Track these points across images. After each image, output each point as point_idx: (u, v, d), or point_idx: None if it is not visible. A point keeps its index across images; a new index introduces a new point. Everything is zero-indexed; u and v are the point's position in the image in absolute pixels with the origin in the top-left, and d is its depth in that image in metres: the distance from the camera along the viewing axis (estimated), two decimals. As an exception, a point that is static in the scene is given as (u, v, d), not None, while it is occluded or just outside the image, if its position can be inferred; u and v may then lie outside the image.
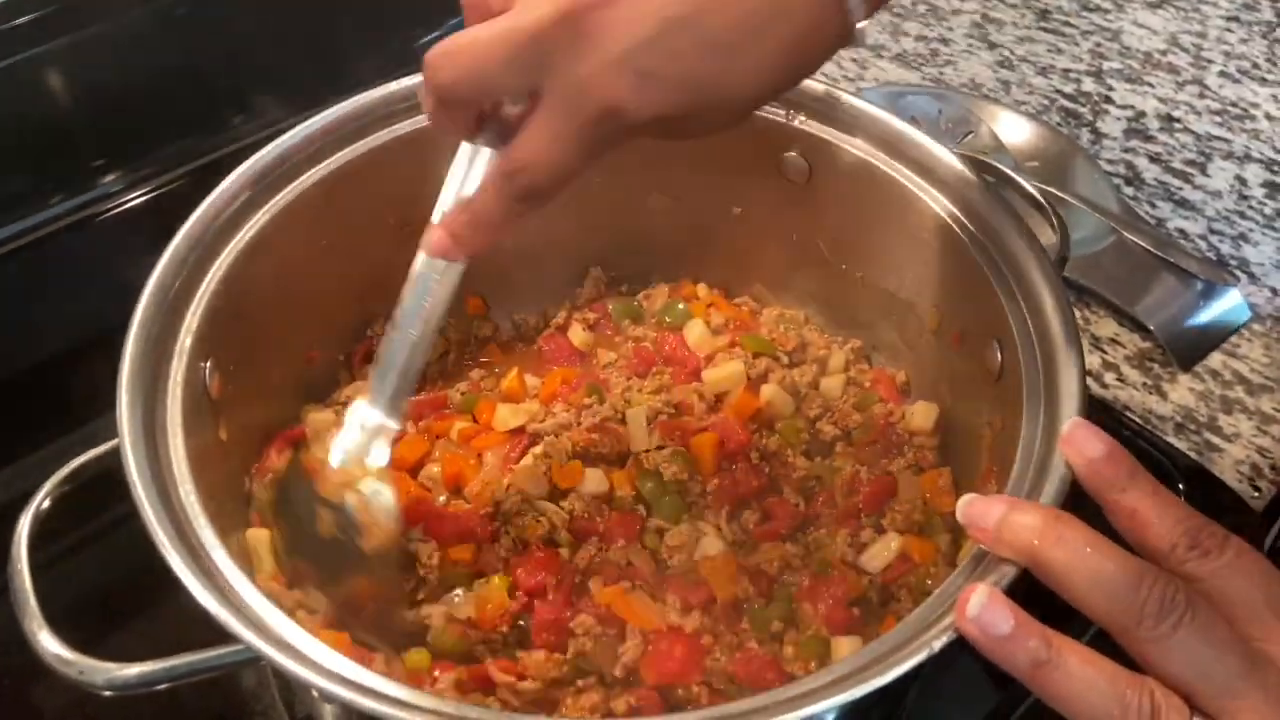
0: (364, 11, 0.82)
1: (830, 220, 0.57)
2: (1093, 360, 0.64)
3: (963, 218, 0.49)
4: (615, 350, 0.58)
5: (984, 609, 0.35)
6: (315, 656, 0.35)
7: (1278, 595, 0.35)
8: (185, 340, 0.44)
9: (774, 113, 0.53)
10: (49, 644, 0.36)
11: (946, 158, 0.50)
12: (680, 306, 0.59)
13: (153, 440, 0.40)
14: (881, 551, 0.50)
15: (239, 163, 0.49)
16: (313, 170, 0.51)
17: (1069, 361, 0.43)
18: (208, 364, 0.45)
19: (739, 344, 0.56)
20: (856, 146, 0.53)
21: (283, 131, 0.50)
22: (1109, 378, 0.63)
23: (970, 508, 0.38)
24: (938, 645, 0.35)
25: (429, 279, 0.42)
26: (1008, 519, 0.37)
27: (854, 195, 0.54)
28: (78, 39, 0.69)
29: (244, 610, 0.36)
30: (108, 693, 0.36)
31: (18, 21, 0.65)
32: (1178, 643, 0.34)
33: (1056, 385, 0.42)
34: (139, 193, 0.73)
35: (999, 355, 0.47)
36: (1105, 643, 0.34)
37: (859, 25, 0.39)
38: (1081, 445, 0.38)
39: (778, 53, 0.39)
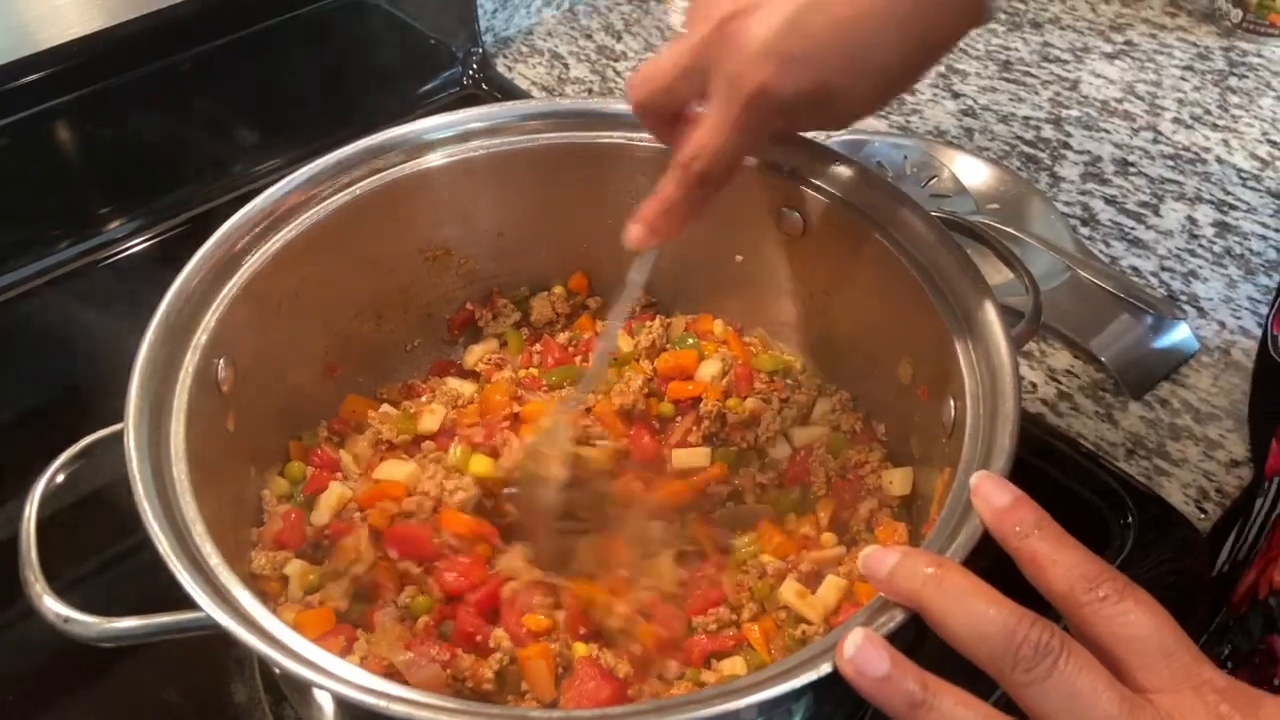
0: (350, 71, 0.86)
1: (821, 274, 0.60)
2: (1048, 391, 0.67)
3: (936, 280, 0.51)
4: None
5: (859, 650, 0.36)
6: (272, 630, 0.38)
7: (1171, 643, 0.35)
8: (202, 337, 0.48)
9: (778, 171, 0.57)
10: (52, 605, 0.40)
11: (924, 225, 0.52)
12: (690, 340, 0.62)
13: (156, 423, 0.44)
14: (825, 597, 0.51)
15: (236, 209, 0.53)
16: (337, 195, 0.55)
17: (1007, 420, 0.44)
18: (220, 360, 0.49)
19: (751, 360, 0.61)
20: (846, 208, 0.56)
21: (279, 178, 0.55)
22: (1064, 407, 0.66)
23: (868, 558, 0.39)
24: (824, 669, 0.36)
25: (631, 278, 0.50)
26: (898, 567, 0.38)
27: (841, 252, 0.57)
28: (84, 95, 0.72)
29: (212, 581, 0.39)
30: (104, 644, 0.40)
31: (28, 79, 0.69)
32: (1051, 687, 0.34)
33: (992, 440, 0.44)
34: (142, 238, 0.77)
35: (953, 411, 0.49)
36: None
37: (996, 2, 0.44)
38: (989, 496, 0.39)
39: (906, 29, 0.44)
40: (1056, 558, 0.36)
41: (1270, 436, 0.57)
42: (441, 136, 0.58)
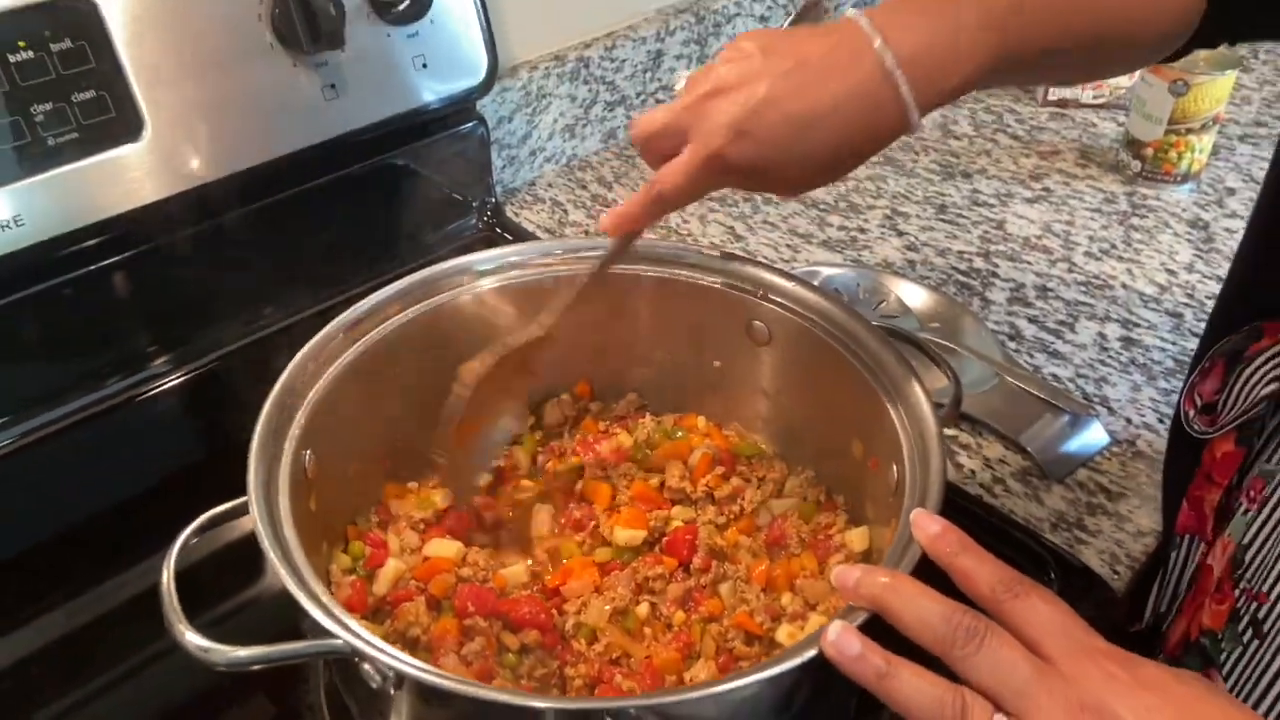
0: (379, 221, 0.96)
1: (786, 374, 0.71)
2: (985, 476, 0.79)
3: (880, 376, 0.63)
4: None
5: (839, 636, 0.46)
6: (383, 647, 0.48)
7: (1068, 624, 0.44)
8: (295, 431, 0.59)
9: (748, 291, 0.70)
10: (191, 637, 0.49)
11: (866, 332, 0.64)
12: (680, 433, 0.74)
13: (268, 500, 0.54)
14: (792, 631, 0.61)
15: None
16: (389, 322, 0.67)
17: (937, 475, 0.55)
18: (307, 453, 0.59)
19: (733, 449, 0.72)
20: (804, 319, 0.67)
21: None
22: (998, 489, 0.78)
23: (839, 574, 0.49)
24: (812, 652, 0.46)
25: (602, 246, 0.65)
26: (862, 578, 0.48)
27: (802, 356, 0.69)
28: (138, 254, 0.81)
29: (329, 612, 0.49)
30: (237, 669, 0.48)
31: (93, 241, 0.78)
32: (981, 659, 0.43)
33: (926, 489, 0.55)
34: (180, 373, 0.85)
35: (895, 474, 0.59)
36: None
37: (915, 122, 0.54)
38: (924, 526, 0.49)
39: (841, 131, 0.54)
40: (979, 569, 0.47)
41: (1180, 498, 0.67)
42: (486, 268, 0.71)
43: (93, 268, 0.80)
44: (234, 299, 0.89)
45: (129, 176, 0.77)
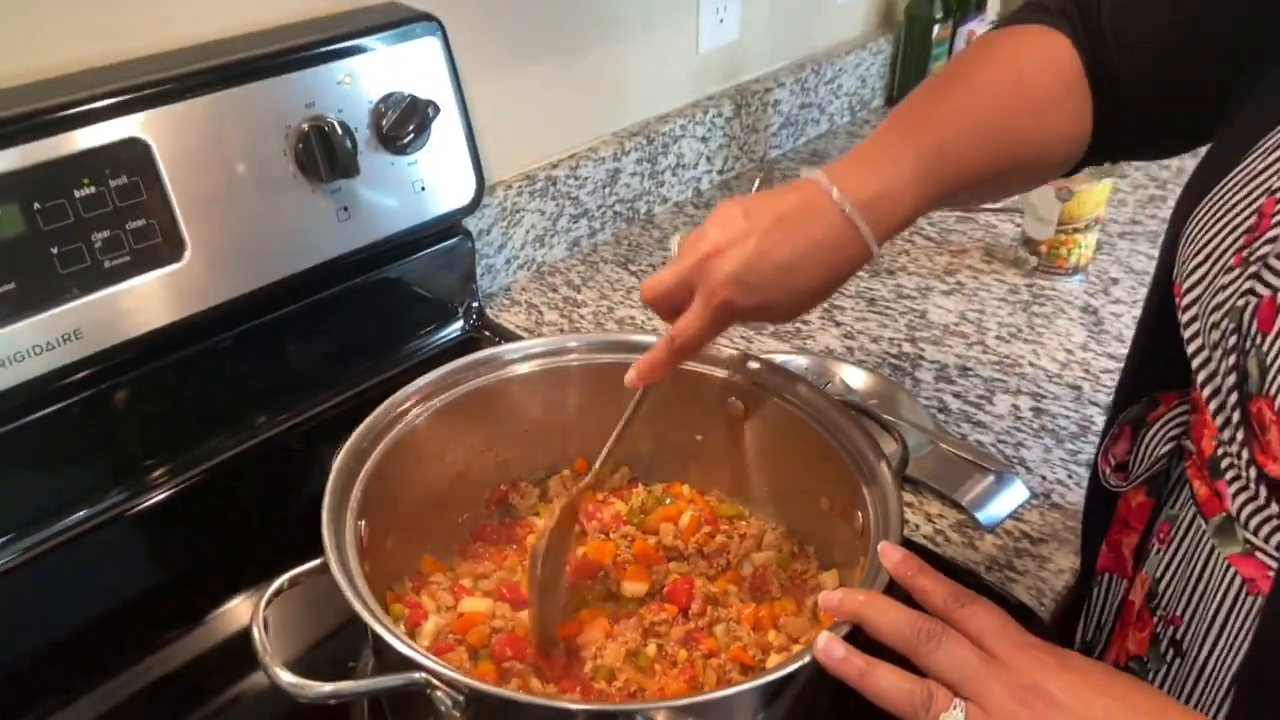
0: (372, 328, 1.05)
1: (760, 444, 0.82)
2: (928, 528, 0.92)
3: (840, 440, 0.74)
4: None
5: (826, 644, 0.57)
6: (457, 674, 0.57)
7: (1007, 626, 0.56)
8: (353, 504, 0.68)
9: (723, 373, 0.81)
10: (283, 675, 0.57)
11: (828, 404, 0.76)
12: (668, 500, 0.85)
13: (341, 560, 0.63)
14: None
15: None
16: (423, 407, 0.77)
17: (895, 518, 0.67)
18: (362, 522, 0.68)
19: (716, 511, 0.83)
20: (774, 395, 0.78)
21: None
22: (939, 539, 0.91)
23: (824, 597, 0.60)
24: (807, 657, 0.58)
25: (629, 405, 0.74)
26: (844, 598, 0.59)
27: (772, 427, 0.79)
28: (145, 371, 0.88)
29: (412, 646, 0.58)
30: (323, 702, 0.56)
31: (105, 364, 0.84)
32: (941, 655, 0.54)
33: (886, 530, 0.66)
34: (176, 483, 0.91)
35: (860, 520, 0.70)
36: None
37: (876, 251, 0.67)
38: (889, 555, 0.61)
39: (821, 268, 0.67)
40: (934, 586, 0.59)
41: (1100, 543, 0.79)
42: (513, 357, 0.82)
43: (133, 374, 0.88)
44: (256, 401, 0.97)
45: (171, 294, 0.87)
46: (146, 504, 0.90)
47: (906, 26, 1.70)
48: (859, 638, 0.59)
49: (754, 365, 0.81)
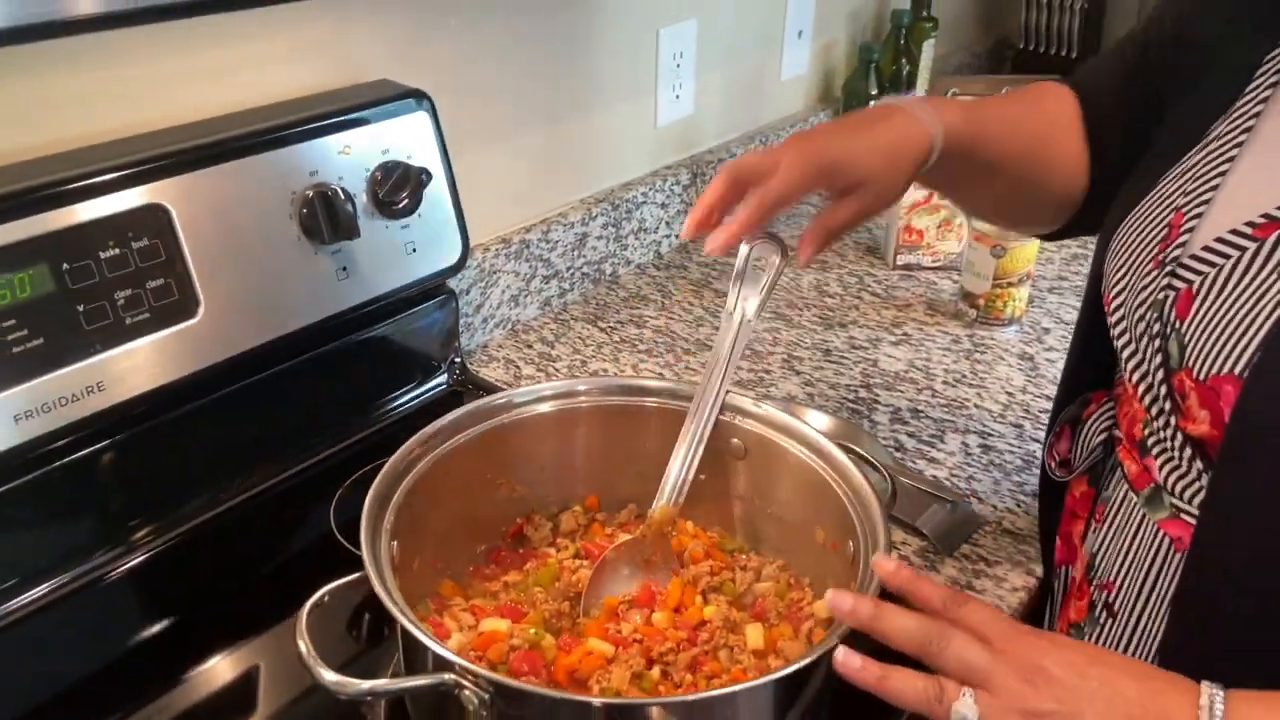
0: (361, 384, 1.11)
1: (760, 482, 0.87)
2: (894, 555, 1.00)
3: (836, 475, 0.79)
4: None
5: (845, 657, 0.62)
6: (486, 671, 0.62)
7: (1001, 620, 0.62)
8: (387, 525, 0.74)
9: (725, 417, 0.86)
10: (327, 674, 0.62)
11: (822, 441, 0.82)
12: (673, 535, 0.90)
13: (379, 575, 0.68)
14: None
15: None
16: (448, 442, 0.83)
17: (885, 546, 0.73)
18: (394, 544, 0.73)
19: (717, 545, 0.89)
20: (772, 435, 0.84)
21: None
22: (905, 564, 0.99)
23: (833, 599, 0.65)
24: (828, 653, 0.64)
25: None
26: (856, 607, 0.64)
27: (772, 465, 0.84)
28: (133, 433, 0.91)
29: (446, 647, 0.64)
30: (364, 699, 0.63)
31: (93, 429, 0.88)
32: (948, 653, 0.60)
33: (877, 549, 0.74)
34: (160, 542, 0.94)
35: (852, 548, 0.75)
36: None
37: (937, 133, 0.79)
38: (884, 565, 0.67)
39: (893, 131, 0.78)
40: (932, 591, 0.65)
41: (1054, 538, 0.88)
42: (524, 400, 0.88)
43: (150, 424, 0.92)
44: (257, 451, 1.02)
45: (185, 348, 0.92)
46: (145, 557, 0.94)
47: (844, 101, 1.83)
48: (858, 638, 0.66)
49: (755, 407, 0.88)
